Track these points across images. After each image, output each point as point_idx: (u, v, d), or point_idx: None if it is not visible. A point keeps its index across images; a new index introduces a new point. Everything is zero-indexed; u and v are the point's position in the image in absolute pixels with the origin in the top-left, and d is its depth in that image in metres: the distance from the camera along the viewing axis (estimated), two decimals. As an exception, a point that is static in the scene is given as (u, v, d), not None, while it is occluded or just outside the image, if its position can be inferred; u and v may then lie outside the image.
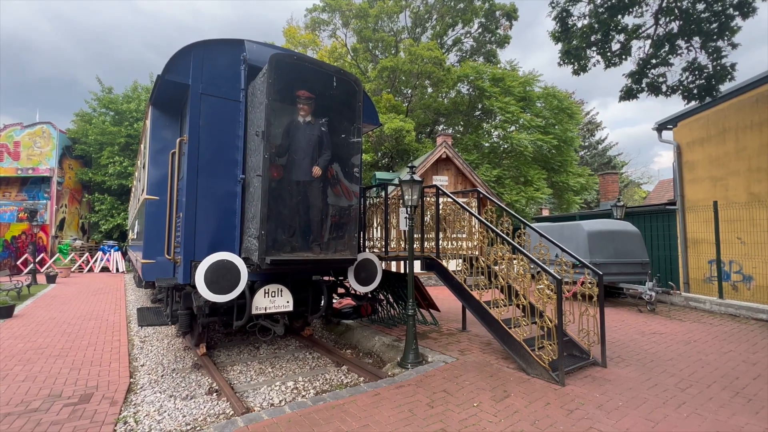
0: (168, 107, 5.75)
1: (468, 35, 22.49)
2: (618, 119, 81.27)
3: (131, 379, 5.05)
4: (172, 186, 5.65)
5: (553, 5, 7.41)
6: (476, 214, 5.27)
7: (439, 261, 5.80)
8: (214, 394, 4.59)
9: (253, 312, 4.92)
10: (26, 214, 20.45)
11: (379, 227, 6.42)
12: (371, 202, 6.66)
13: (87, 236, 23.33)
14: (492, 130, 21.27)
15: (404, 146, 16.60)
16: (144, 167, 6.31)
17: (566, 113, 18.29)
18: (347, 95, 5.13)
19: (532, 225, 5.82)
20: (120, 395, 4.46)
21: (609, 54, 7.42)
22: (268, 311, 5.09)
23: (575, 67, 7.67)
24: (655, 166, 64.29)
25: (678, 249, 11.26)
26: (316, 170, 4.89)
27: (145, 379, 5.15)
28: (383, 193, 6.34)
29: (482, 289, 5.23)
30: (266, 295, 5.09)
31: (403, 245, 6.38)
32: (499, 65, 20.74)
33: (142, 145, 7.43)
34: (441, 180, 12.86)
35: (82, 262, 19.12)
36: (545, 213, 23.81)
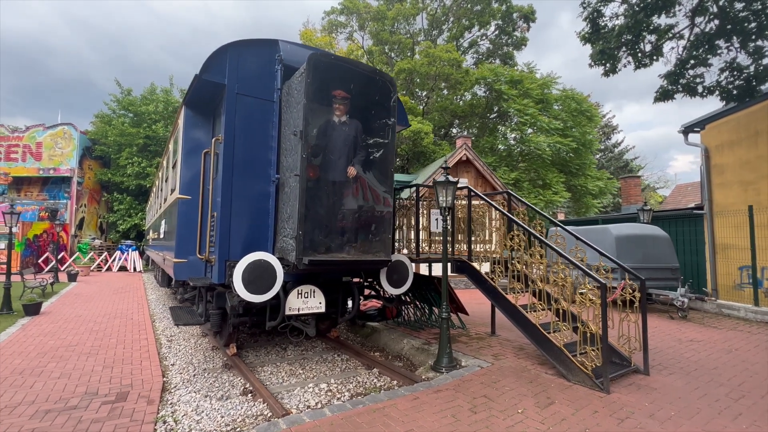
0: (201, 107, 5.77)
1: (484, 37, 22.39)
2: (632, 123, 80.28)
3: (164, 378, 5.05)
4: (204, 185, 5.67)
5: (584, 5, 7.29)
6: (514, 218, 5.17)
7: (471, 264, 5.71)
8: (249, 394, 4.55)
9: (287, 313, 4.89)
10: (47, 214, 20.81)
11: (407, 229, 6.36)
12: (399, 203, 6.60)
13: (105, 236, 23.68)
14: (508, 133, 21.10)
15: (421, 148, 16.54)
16: (175, 167, 6.34)
17: (585, 116, 18.06)
18: (382, 95, 5.08)
19: (568, 228, 5.70)
20: (155, 394, 4.45)
21: (640, 55, 7.27)
22: (301, 312, 5.06)
23: (606, 68, 7.53)
24: (670, 170, 63.23)
25: (705, 255, 10.99)
26: (351, 170, 4.86)
27: (178, 378, 5.14)
28: (410, 195, 6.28)
29: (518, 292, 5.12)
30: (299, 295, 5.06)
31: (433, 247, 6.29)
32: (516, 67, 20.58)
33: (170, 145, 7.48)
34: (461, 182, 12.77)
35: (101, 261, 19.37)
36: (560, 217, 23.49)
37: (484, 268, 5.81)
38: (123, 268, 19.82)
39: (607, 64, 7.46)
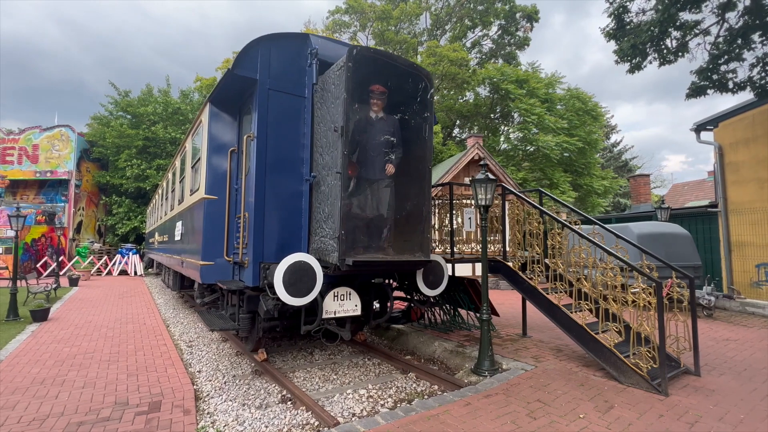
0: (226, 105, 5.57)
1: (486, 37, 22.34)
2: (625, 123, 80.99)
3: (194, 386, 4.84)
4: (231, 185, 5.47)
5: (610, 1, 7.19)
6: (555, 216, 5.04)
7: (507, 263, 5.56)
8: (288, 402, 4.36)
9: (324, 316, 4.70)
10: (44, 217, 20.37)
11: (438, 228, 6.20)
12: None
13: (103, 239, 23.25)
14: (511, 133, 21.04)
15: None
16: (197, 166, 6.13)
17: (590, 115, 18.05)
18: (419, 91, 4.93)
19: (606, 226, 5.58)
20: (189, 403, 4.23)
21: (665, 51, 7.19)
22: (337, 315, 4.87)
23: (632, 64, 7.44)
24: (662, 170, 63.96)
25: (720, 252, 10.96)
26: (390, 168, 4.69)
27: (208, 386, 4.93)
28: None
29: (560, 293, 4.98)
30: (335, 298, 4.88)
31: (464, 247, 6.13)
32: (519, 67, 20.55)
33: (187, 144, 7.25)
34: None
35: (101, 265, 18.98)
36: (563, 217, 23.46)
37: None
38: (123, 272, 19.43)
39: (634, 60, 7.36)
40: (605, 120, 23.86)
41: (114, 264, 19.21)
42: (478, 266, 6.13)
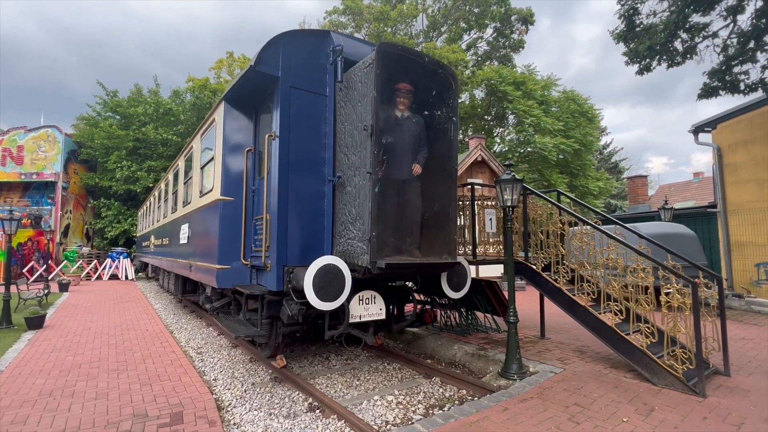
0: (242, 103, 5.40)
1: (480, 39, 22.45)
2: (610, 126, 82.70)
3: (213, 395, 4.64)
4: (248, 186, 5.30)
5: (621, 3, 7.24)
6: (583, 218, 4.99)
7: (529, 264, 5.50)
8: (317, 411, 4.20)
9: (350, 320, 4.56)
10: (30, 221, 19.70)
11: (459, 229, 6.11)
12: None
13: (91, 243, 22.61)
14: (507, 135, 21.15)
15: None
16: (207, 167, 5.93)
17: (585, 117, 18.25)
18: (445, 89, 4.84)
19: (627, 225, 5.56)
20: (213, 414, 4.05)
21: (674, 53, 7.27)
22: (362, 319, 4.74)
23: (641, 66, 7.50)
24: (650, 171, 65.41)
25: (720, 252, 11.14)
26: (417, 168, 4.59)
27: (228, 395, 4.74)
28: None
29: (587, 294, 4.93)
30: (360, 302, 4.74)
31: (487, 249, 6.05)
32: (515, 69, 20.70)
33: (194, 144, 7.03)
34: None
35: (90, 270, 18.41)
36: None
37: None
38: (114, 277, 18.90)
39: (644, 62, 7.41)
40: (599, 122, 24.22)
41: (104, 268, 18.67)
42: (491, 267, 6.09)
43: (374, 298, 4.85)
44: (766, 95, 7.09)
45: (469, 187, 5.94)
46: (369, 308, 4.78)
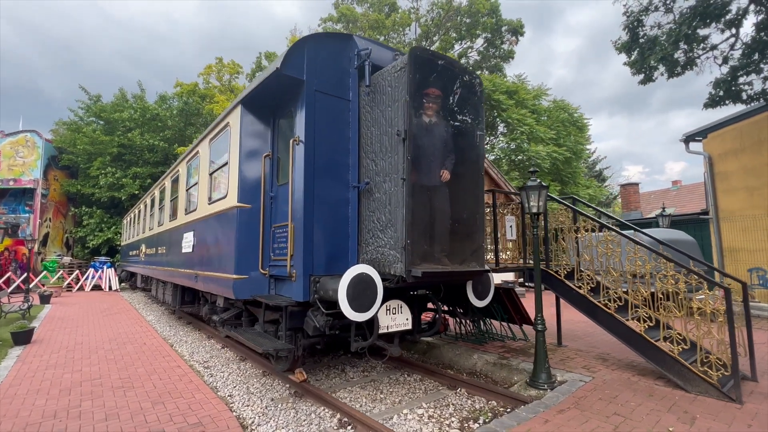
0: (259, 107, 5.23)
1: (471, 49, 22.78)
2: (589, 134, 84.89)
3: (234, 413, 4.40)
4: (265, 193, 5.12)
5: (626, 14, 7.42)
6: (610, 226, 4.99)
7: (552, 272, 5.47)
8: (349, 427, 4.02)
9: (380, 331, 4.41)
10: (7, 229, 18.78)
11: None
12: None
13: (71, 252, 21.70)
14: (498, 144, 21.40)
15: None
16: (220, 173, 5.71)
17: (576, 126, 18.64)
18: (472, 95, 4.80)
19: (645, 232, 5.60)
20: (238, 433, 3.83)
21: (677, 63, 7.47)
22: (389, 330, 4.59)
23: (645, 76, 7.68)
24: (626, 180, 67.39)
25: (713, 257, 11.43)
26: (445, 174, 4.50)
27: (248, 412, 4.50)
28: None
29: (615, 302, 4.91)
30: (388, 312, 4.60)
31: (507, 256, 5.99)
32: (505, 78, 21.04)
33: (201, 149, 6.79)
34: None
35: (72, 280, 17.61)
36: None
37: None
38: (97, 287, 18.13)
39: (644, 74, 7.60)
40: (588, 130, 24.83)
41: (87, 278, 17.89)
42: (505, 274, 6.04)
43: (401, 307, 4.71)
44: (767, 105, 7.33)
45: (490, 194, 5.90)
46: (396, 318, 4.65)
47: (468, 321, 6.79)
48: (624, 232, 5.18)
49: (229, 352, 7.09)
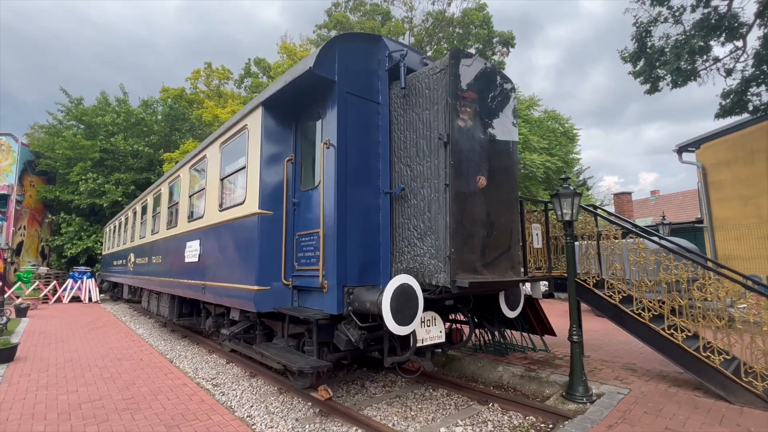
0: (282, 109, 4.98)
1: (461, 60, 22.94)
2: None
3: (259, 436, 4.08)
4: (288, 199, 4.86)
5: (636, 25, 7.54)
6: (644, 235, 4.94)
7: (582, 282, 5.36)
8: (389, 449, 3.75)
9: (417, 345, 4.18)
10: (-23, 238, 17.69)
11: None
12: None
13: (46, 262, 20.61)
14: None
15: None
16: (240, 177, 5.40)
17: (567, 136, 18.96)
18: (505, 99, 4.69)
19: (670, 239, 5.58)
20: (270, 459, 3.52)
21: (687, 74, 7.61)
22: (424, 343, 4.37)
23: (650, 87, 7.81)
24: (609, 189, 69.39)
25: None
26: (482, 180, 4.36)
27: (274, 434, 4.18)
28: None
29: (649, 311, 4.83)
30: (422, 324, 4.38)
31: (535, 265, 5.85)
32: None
33: (209, 153, 6.46)
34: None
35: (49, 292, 16.64)
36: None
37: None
38: (75, 299, 17.19)
39: (651, 83, 7.74)
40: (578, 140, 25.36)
41: (65, 289, 16.94)
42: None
43: (434, 319, 4.50)
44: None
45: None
46: (431, 331, 4.43)
47: (487, 332, 6.61)
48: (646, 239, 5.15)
49: (236, 367, 6.70)
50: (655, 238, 5.63)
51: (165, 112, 21.82)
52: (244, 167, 5.20)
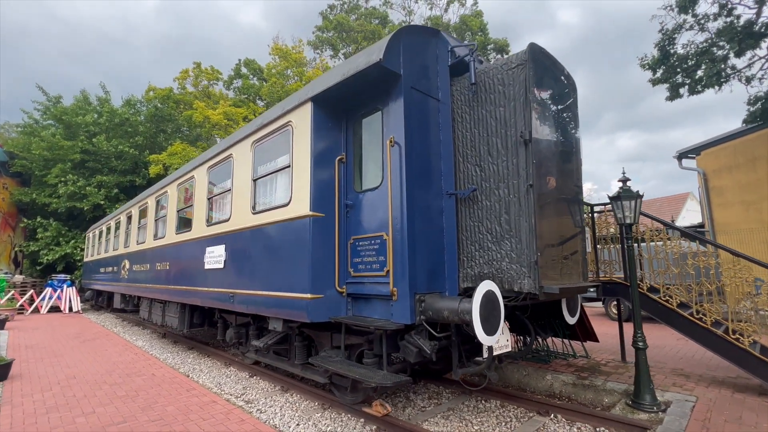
0: (332, 105, 4.67)
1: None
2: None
3: (323, 459, 3.72)
4: (340, 200, 4.54)
5: (662, 32, 7.62)
6: (705, 239, 4.86)
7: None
8: (474, 470, 3.47)
9: (490, 354, 3.93)
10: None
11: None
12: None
13: (20, 269, 19.29)
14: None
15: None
16: (283, 176, 5.03)
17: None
18: (570, 96, 4.54)
19: (711, 240, 5.56)
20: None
21: (696, 82, 7.75)
22: (495, 353, 4.12)
23: (670, 94, 7.91)
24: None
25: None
26: (552, 181, 4.18)
27: (339, 456, 3.83)
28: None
29: (709, 315, 4.75)
30: (493, 333, 4.13)
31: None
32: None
33: (233, 152, 6.05)
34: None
35: (25, 302, 15.49)
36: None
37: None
38: (55, 309, 16.08)
39: (672, 90, 7.84)
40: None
41: (42, 299, 15.82)
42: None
43: (504, 328, 4.27)
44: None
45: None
46: (500, 340, 4.19)
47: (529, 338, 6.43)
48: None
49: (262, 381, 6.26)
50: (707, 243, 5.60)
51: (150, 112, 20.91)
52: (287, 166, 4.85)
